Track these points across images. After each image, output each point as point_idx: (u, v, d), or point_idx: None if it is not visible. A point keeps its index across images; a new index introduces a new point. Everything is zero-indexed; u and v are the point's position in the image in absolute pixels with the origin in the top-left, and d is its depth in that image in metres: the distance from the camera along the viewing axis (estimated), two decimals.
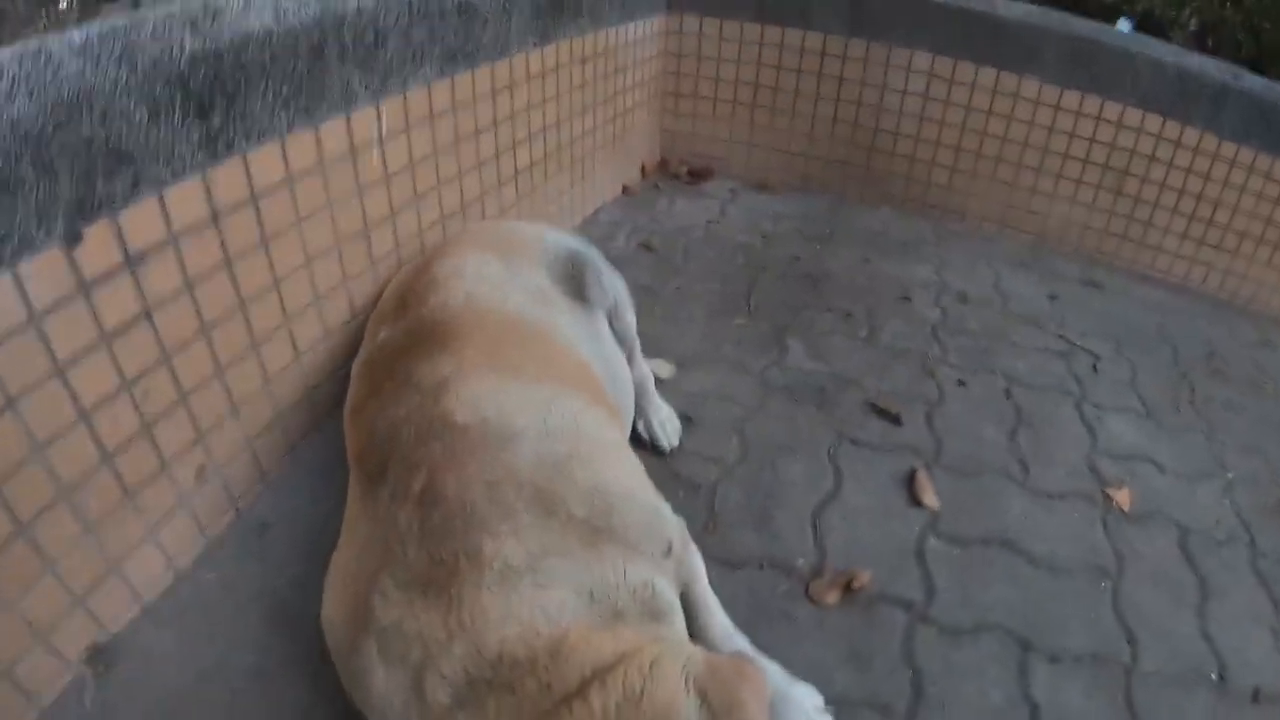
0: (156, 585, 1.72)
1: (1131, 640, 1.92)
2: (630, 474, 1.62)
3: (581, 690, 1.19)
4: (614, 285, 2.23)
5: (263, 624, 1.72)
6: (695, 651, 1.30)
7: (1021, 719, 1.74)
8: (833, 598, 1.93)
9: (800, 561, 2.03)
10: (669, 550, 1.54)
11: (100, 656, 1.57)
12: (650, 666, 1.22)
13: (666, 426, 2.33)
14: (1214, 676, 1.86)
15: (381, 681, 1.30)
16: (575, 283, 2.08)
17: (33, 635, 1.40)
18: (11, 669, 1.40)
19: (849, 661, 1.82)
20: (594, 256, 2.19)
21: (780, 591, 1.96)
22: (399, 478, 1.44)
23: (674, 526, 1.60)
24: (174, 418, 1.65)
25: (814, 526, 2.12)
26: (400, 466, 1.46)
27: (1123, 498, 2.31)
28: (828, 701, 1.70)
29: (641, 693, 1.18)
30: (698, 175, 4.21)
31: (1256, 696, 1.83)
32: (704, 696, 1.19)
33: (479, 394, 1.55)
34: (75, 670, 1.52)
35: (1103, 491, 2.33)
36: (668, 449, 2.30)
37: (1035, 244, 3.92)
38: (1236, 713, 1.79)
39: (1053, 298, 3.39)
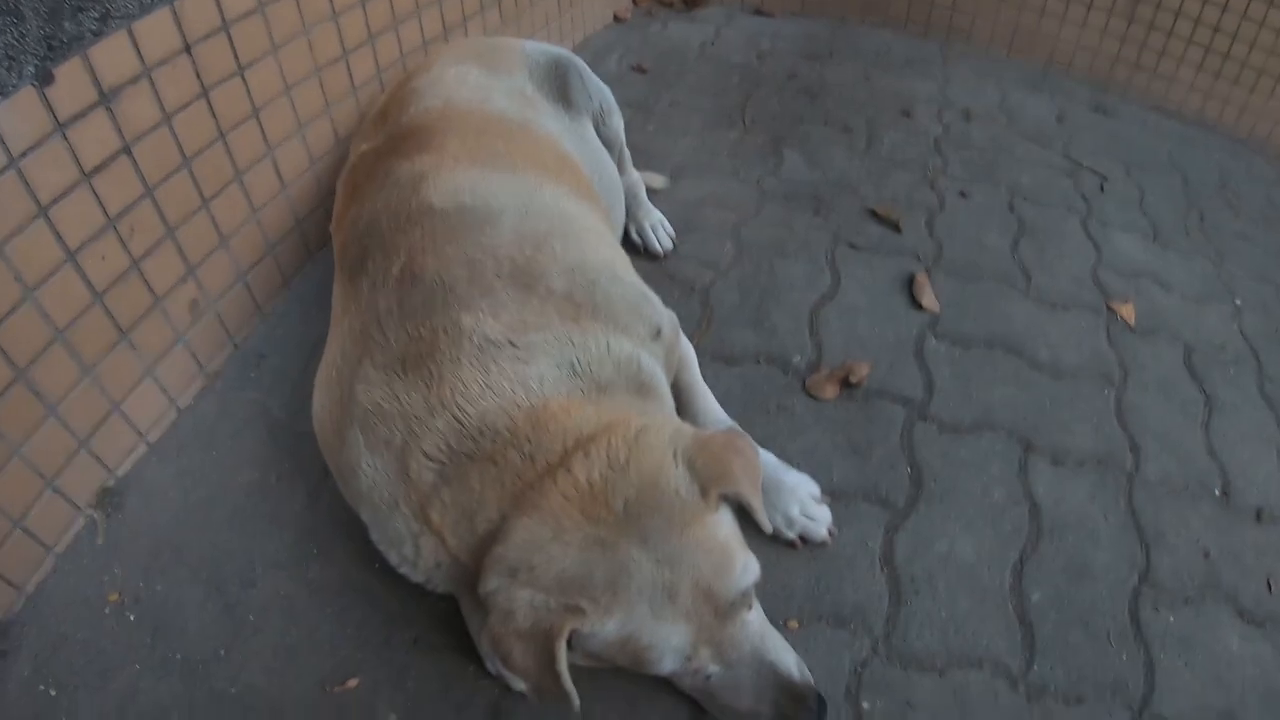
0: (159, 422, 1.70)
1: (1135, 448, 1.86)
2: (615, 258, 1.55)
3: (564, 460, 1.15)
4: (599, 90, 2.13)
5: (260, 444, 1.70)
6: (683, 425, 1.25)
7: (1022, 516, 1.69)
8: (831, 391, 1.86)
9: (797, 358, 1.95)
10: (657, 334, 1.47)
11: (109, 498, 1.56)
12: (636, 436, 1.17)
13: (659, 231, 2.24)
14: (1217, 492, 1.81)
15: (368, 471, 1.26)
16: (559, 86, 1.98)
17: (41, 482, 1.43)
18: (24, 519, 1.41)
19: (848, 454, 1.76)
20: (577, 62, 2.08)
21: (778, 385, 1.88)
22: (378, 265, 1.38)
23: (663, 314, 1.53)
24: (162, 253, 1.61)
25: (811, 325, 2.03)
26: (379, 254, 1.40)
27: (1128, 312, 2.22)
28: (825, 491, 1.66)
29: (627, 461, 1.14)
30: (692, 1, 3.97)
31: (1259, 516, 1.79)
32: (692, 467, 1.14)
33: (459, 183, 1.47)
34: (85, 514, 1.54)
35: (1107, 304, 2.24)
36: (661, 253, 2.22)
37: (1044, 67, 3.72)
38: (1238, 529, 1.75)
39: (1060, 119, 3.23)
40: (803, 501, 1.60)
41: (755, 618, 1.23)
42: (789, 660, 1.24)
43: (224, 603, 1.46)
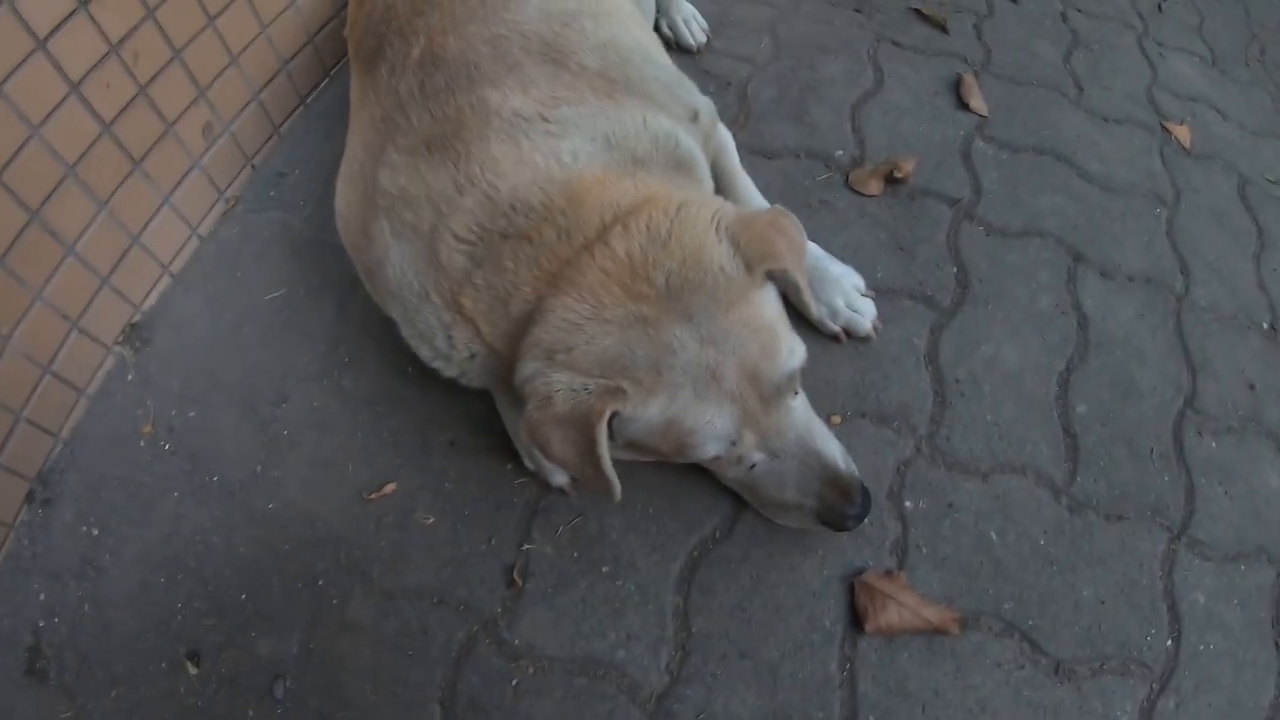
0: (181, 252, 1.62)
1: (1185, 272, 1.75)
2: (648, 40, 1.44)
3: (602, 234, 1.06)
4: None
5: (285, 262, 1.61)
6: (725, 202, 1.15)
7: (1070, 327, 1.60)
8: (874, 187, 1.73)
9: (839, 152, 1.81)
10: (695, 117, 1.36)
11: (136, 333, 1.50)
12: (677, 210, 1.08)
13: (691, 24, 2.04)
14: (1266, 326, 1.73)
15: (396, 261, 1.18)
16: None
17: (66, 325, 1.38)
18: (53, 364, 1.36)
19: (892, 251, 1.64)
20: None
21: (819, 180, 1.76)
22: (396, 50, 1.27)
23: (700, 99, 1.42)
24: (170, 77, 1.49)
25: (853, 121, 1.88)
26: (396, 40, 1.28)
27: (1182, 134, 2.07)
28: (869, 287, 1.56)
29: (668, 235, 1.05)
30: None
31: None
32: (736, 243, 1.06)
33: None
34: (114, 352, 1.48)
35: (1162, 124, 2.08)
36: (694, 46, 2.03)
37: None
38: None
39: None
40: (847, 293, 1.51)
41: (800, 405, 1.18)
42: (834, 450, 1.19)
43: (258, 421, 1.42)
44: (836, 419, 1.42)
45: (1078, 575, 1.35)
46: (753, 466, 1.16)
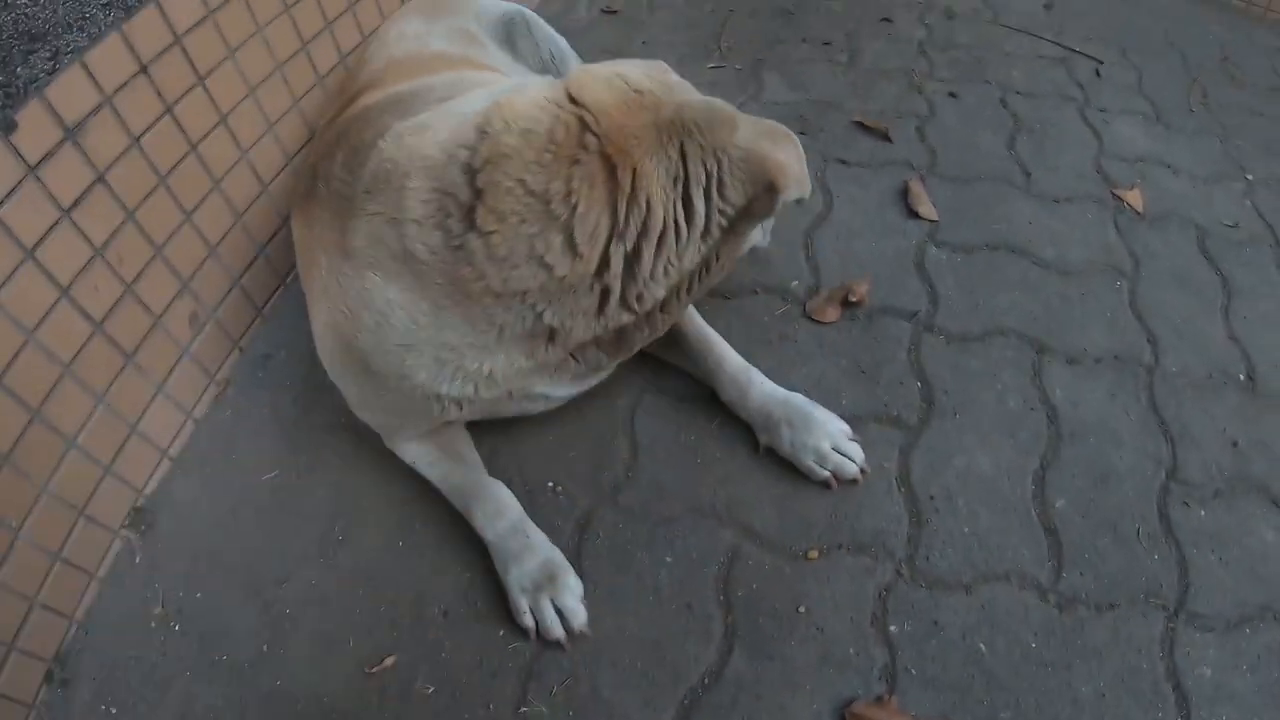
0: (177, 437, 1.72)
1: (1153, 341, 1.79)
2: None
3: (571, 113, 1.14)
4: (549, 40, 2.09)
5: (278, 443, 1.70)
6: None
7: (1040, 423, 1.64)
8: (832, 314, 1.80)
9: (795, 284, 1.89)
10: None
11: (140, 518, 1.59)
12: (584, 75, 1.22)
13: None
14: (1242, 378, 1.75)
15: (397, 300, 1.21)
16: (506, 36, 1.97)
17: (73, 513, 1.46)
18: (63, 551, 1.43)
19: (855, 377, 1.70)
20: (527, 14, 2.05)
21: (777, 315, 1.83)
22: (324, 169, 1.36)
23: None
24: (154, 273, 1.60)
25: (806, 249, 1.96)
26: (324, 164, 1.37)
27: (1135, 199, 2.13)
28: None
29: (599, 75, 1.20)
30: None
31: None
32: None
33: (392, 90, 1.49)
34: (120, 536, 1.56)
35: (1113, 193, 2.15)
36: None
37: None
38: (1266, 416, 1.68)
39: (1048, 6, 3.10)
40: (834, 437, 1.54)
41: None
42: None
43: (261, 601, 1.48)
44: (814, 554, 1.46)
45: (1073, 673, 1.36)
46: None
